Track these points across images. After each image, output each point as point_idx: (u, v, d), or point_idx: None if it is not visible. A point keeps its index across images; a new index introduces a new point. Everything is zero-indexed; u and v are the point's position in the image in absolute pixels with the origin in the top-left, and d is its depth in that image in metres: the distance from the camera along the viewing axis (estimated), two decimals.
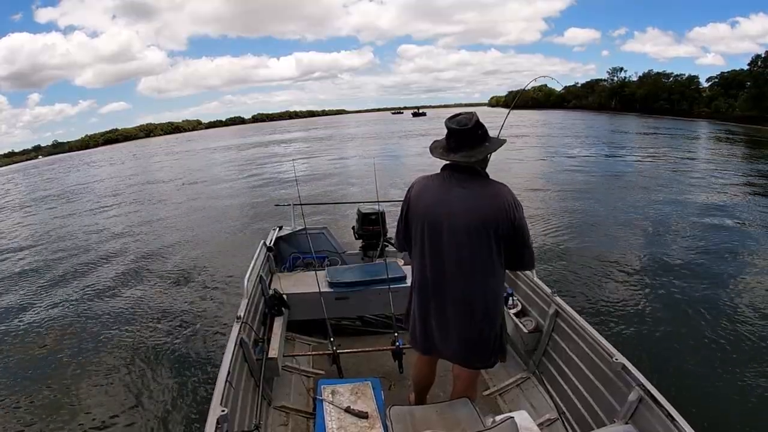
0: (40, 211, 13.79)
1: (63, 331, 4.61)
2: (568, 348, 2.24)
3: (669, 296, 4.63)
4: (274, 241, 3.57)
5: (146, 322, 4.61)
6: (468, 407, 1.73)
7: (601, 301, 4.53)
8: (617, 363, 1.80)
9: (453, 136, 1.61)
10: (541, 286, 2.57)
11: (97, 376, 3.64)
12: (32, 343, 4.40)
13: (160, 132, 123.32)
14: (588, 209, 8.74)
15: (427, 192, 1.67)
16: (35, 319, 5.00)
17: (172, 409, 3.13)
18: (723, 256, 5.84)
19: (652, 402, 1.61)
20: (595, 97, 72.63)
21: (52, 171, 34.44)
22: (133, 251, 7.63)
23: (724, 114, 43.33)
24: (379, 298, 2.94)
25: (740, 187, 10.88)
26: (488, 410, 2.17)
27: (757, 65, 42.55)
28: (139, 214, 11.24)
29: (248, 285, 2.53)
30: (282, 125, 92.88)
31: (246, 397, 2.01)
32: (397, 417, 1.64)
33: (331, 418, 1.82)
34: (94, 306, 5.25)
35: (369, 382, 2.03)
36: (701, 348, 3.63)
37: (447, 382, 2.24)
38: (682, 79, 58.13)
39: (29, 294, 5.92)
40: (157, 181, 18.49)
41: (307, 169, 16.57)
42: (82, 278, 6.36)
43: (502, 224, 1.55)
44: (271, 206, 8.37)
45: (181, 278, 5.93)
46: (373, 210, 3.71)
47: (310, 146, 30.43)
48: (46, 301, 5.59)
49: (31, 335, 4.58)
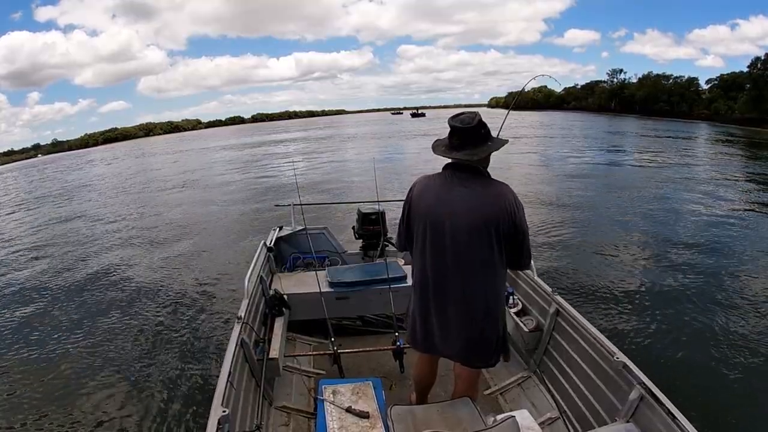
0: (40, 210, 13.74)
1: (63, 330, 4.60)
2: (568, 347, 2.24)
3: (670, 295, 4.63)
4: (275, 241, 3.57)
5: (146, 323, 4.60)
6: (469, 406, 1.73)
7: (602, 299, 4.53)
8: (618, 361, 1.81)
9: (456, 134, 1.61)
10: (541, 285, 2.58)
11: (97, 377, 3.63)
12: (32, 342, 4.39)
13: (159, 131, 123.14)
14: (588, 209, 8.75)
15: (429, 191, 1.67)
16: (35, 319, 4.99)
17: (173, 410, 3.12)
18: (724, 254, 5.86)
19: (653, 400, 1.61)
20: (594, 98, 72.74)
21: (52, 170, 34.38)
22: (133, 251, 7.62)
23: (724, 116, 43.43)
24: (379, 298, 2.95)
25: (740, 187, 10.91)
26: (489, 409, 2.17)
27: (757, 67, 42.67)
28: (138, 215, 11.23)
29: (249, 285, 2.53)
30: (282, 125, 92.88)
31: (247, 398, 2.01)
32: (399, 417, 1.64)
33: (332, 418, 1.82)
34: (93, 306, 5.25)
35: (370, 381, 2.03)
36: (702, 347, 3.63)
37: (448, 381, 2.24)
38: (681, 80, 58.33)
39: (29, 294, 5.91)
40: (157, 181, 18.46)
41: (307, 169, 16.58)
42: (82, 278, 6.34)
43: (503, 224, 1.56)
44: (271, 206, 8.38)
45: (181, 279, 5.92)
46: (373, 210, 3.71)
47: (310, 146, 30.47)
48: (45, 300, 5.59)
49: (31, 335, 4.57)
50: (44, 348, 4.24)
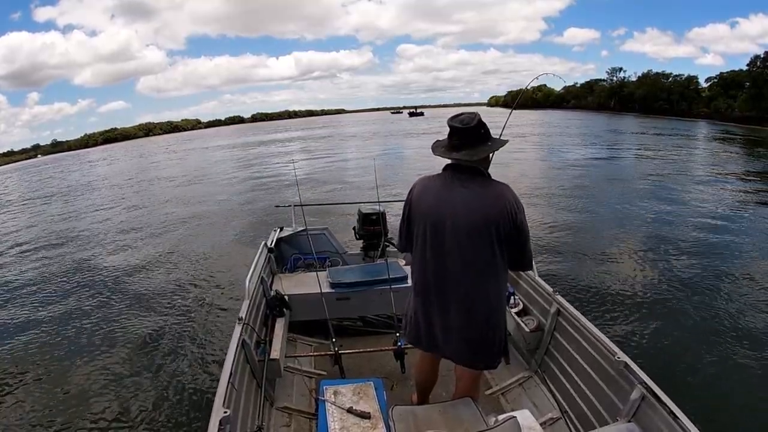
0: (41, 210, 13.74)
1: (63, 329, 4.60)
2: (570, 347, 2.24)
3: (671, 295, 4.63)
4: (275, 242, 3.57)
5: (146, 323, 4.59)
6: (470, 407, 1.73)
7: (603, 299, 4.53)
8: (619, 361, 1.81)
9: (455, 134, 1.62)
10: (542, 285, 2.58)
11: (98, 377, 3.62)
12: (32, 342, 4.38)
13: (159, 131, 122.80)
14: (588, 208, 8.74)
15: (429, 192, 1.67)
16: (34, 319, 4.98)
17: (175, 411, 3.12)
18: (726, 254, 5.85)
19: (654, 400, 1.61)
20: (594, 97, 72.57)
21: (53, 170, 34.33)
22: (133, 252, 7.62)
23: (723, 114, 43.30)
24: (380, 299, 2.95)
25: (740, 186, 10.90)
26: (491, 410, 2.17)
27: (756, 66, 42.56)
28: (138, 215, 11.21)
29: (249, 286, 2.54)
30: (281, 125, 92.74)
31: (248, 399, 2.01)
32: (400, 417, 1.64)
33: (333, 418, 1.82)
34: (94, 306, 5.23)
35: (371, 382, 2.03)
36: (704, 346, 3.63)
37: (450, 382, 2.24)
38: (681, 79, 58.14)
39: (29, 294, 5.90)
40: (158, 181, 18.45)
41: (306, 169, 16.55)
42: (83, 278, 6.33)
43: (503, 224, 1.56)
44: (271, 207, 8.37)
45: (182, 280, 5.92)
46: (374, 210, 3.71)
47: (309, 145, 30.42)
48: (45, 299, 5.58)
49: (30, 335, 4.56)
50: (43, 348, 4.24)
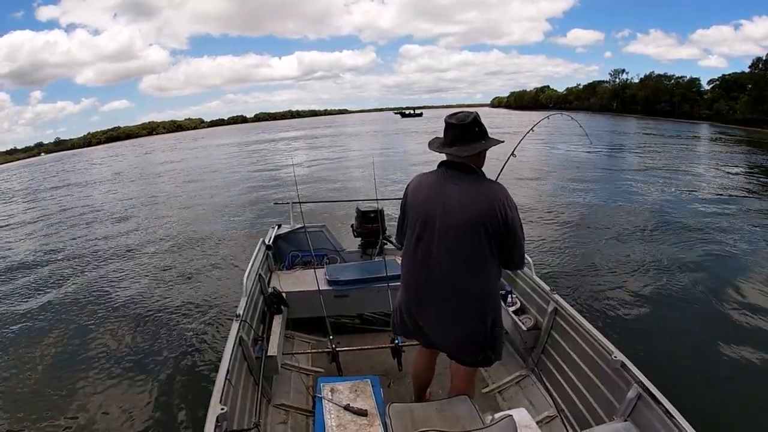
0: (42, 206, 13.78)
1: (61, 325, 4.61)
2: (566, 345, 2.24)
3: (668, 294, 4.63)
4: (273, 239, 3.58)
5: (145, 320, 4.59)
6: (467, 405, 1.72)
7: (600, 298, 4.52)
8: (616, 360, 1.81)
9: (450, 130, 1.65)
10: (539, 284, 2.58)
11: (94, 374, 3.63)
12: (31, 340, 4.39)
13: (162, 130, 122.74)
14: (587, 208, 8.73)
15: (422, 189, 1.70)
16: (32, 315, 4.99)
17: (172, 407, 3.12)
18: (724, 254, 5.85)
19: (650, 399, 1.61)
20: (596, 98, 72.47)
21: (58, 169, 34.40)
22: (132, 249, 7.62)
23: (725, 116, 43.18)
24: (378, 296, 2.95)
25: (740, 187, 10.86)
26: (487, 408, 2.18)
27: (758, 67, 42.42)
28: (139, 212, 11.23)
29: (247, 283, 2.54)
30: (284, 125, 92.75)
31: (245, 395, 2.02)
32: (397, 414, 1.64)
33: (330, 416, 1.82)
34: (92, 302, 5.23)
35: (368, 379, 2.03)
36: (701, 345, 3.63)
37: (446, 379, 2.24)
38: (683, 81, 58.01)
39: (29, 289, 5.92)
40: (159, 181, 18.48)
41: (306, 168, 16.57)
42: (82, 275, 6.35)
43: (493, 222, 1.56)
44: (270, 204, 8.39)
45: (180, 277, 5.92)
46: (372, 208, 3.71)
47: (310, 144, 30.45)
48: (45, 295, 5.58)
49: (30, 332, 4.58)
50: (41, 344, 4.24)
